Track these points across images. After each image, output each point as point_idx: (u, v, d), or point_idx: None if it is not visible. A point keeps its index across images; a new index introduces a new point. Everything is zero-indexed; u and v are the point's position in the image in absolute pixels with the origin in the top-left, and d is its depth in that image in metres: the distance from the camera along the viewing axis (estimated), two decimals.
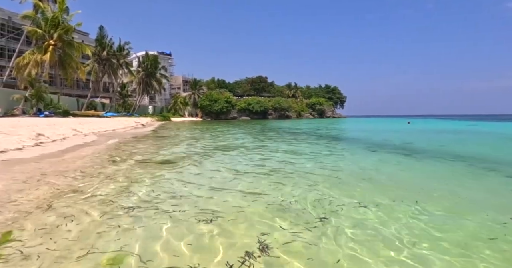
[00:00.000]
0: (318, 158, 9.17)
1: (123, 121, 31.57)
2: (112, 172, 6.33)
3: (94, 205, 4.01)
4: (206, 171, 6.86)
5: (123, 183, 5.33)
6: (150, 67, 55.22)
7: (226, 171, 6.86)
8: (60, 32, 28.04)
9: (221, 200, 4.42)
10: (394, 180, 6.29)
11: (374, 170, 7.29)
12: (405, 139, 17.93)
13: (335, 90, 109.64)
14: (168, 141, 15.30)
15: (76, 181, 5.35)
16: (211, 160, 8.48)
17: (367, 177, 6.21)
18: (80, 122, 19.13)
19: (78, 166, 6.89)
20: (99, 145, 11.65)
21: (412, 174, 7.09)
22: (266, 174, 6.45)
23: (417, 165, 8.41)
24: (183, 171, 6.70)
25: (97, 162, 7.57)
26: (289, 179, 5.91)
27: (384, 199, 4.50)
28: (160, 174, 6.23)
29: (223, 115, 77.07)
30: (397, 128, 33.42)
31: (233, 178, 6.01)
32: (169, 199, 4.40)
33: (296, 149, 11.87)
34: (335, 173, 6.62)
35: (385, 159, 9.36)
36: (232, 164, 7.84)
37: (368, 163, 8.38)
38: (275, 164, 7.86)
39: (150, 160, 8.26)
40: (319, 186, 5.36)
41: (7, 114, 25.49)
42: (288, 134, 21.86)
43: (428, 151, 11.61)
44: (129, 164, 7.41)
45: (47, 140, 11.32)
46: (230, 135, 19.98)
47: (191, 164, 7.67)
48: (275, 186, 5.36)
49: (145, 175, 6.08)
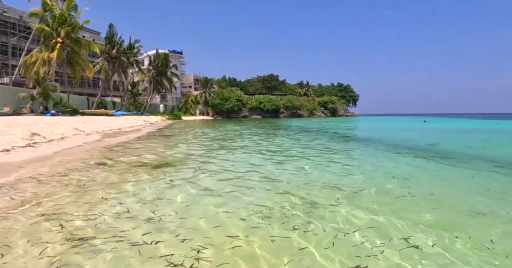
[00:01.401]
0: (344, 167, 7.38)
1: (132, 120, 31.00)
2: (90, 179, 5.41)
3: (33, 227, 3.05)
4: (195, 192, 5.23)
5: (96, 197, 4.38)
6: (161, 65, 54.76)
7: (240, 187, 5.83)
8: (67, 29, 27.61)
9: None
10: (444, 196, 4.76)
11: (413, 182, 5.72)
12: (429, 139, 16.48)
13: (347, 88, 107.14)
14: (172, 142, 14.43)
15: (41, 189, 4.43)
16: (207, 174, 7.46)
17: (407, 193, 4.75)
18: (84, 121, 18.50)
19: (59, 171, 6.01)
20: (98, 146, 10.84)
21: (464, 188, 5.52)
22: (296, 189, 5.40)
23: (462, 174, 6.84)
24: (172, 181, 5.72)
25: (84, 167, 6.67)
26: (310, 195, 4.83)
27: (441, 233, 3.25)
28: (147, 183, 5.27)
29: (234, 113, 76.18)
30: (415, 127, 31.79)
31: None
32: (145, 225, 3.41)
33: (313, 153, 10.75)
34: (366, 186, 5.20)
35: (419, 165, 7.99)
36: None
37: (403, 170, 7.05)
38: (290, 175, 6.79)
39: (145, 164, 7.33)
40: (347, 203, 4.26)
41: (16, 112, 25.23)
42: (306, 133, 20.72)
43: (463, 155, 10.15)
44: (118, 170, 6.48)
45: (43, 140, 10.58)
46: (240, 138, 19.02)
47: (180, 178, 6.69)
48: (308, 211, 4.30)
49: (128, 185, 5.12)
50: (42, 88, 25.23)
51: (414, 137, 17.68)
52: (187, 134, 19.37)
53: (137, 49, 47.32)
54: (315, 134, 20.20)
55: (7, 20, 42.35)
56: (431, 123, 43.30)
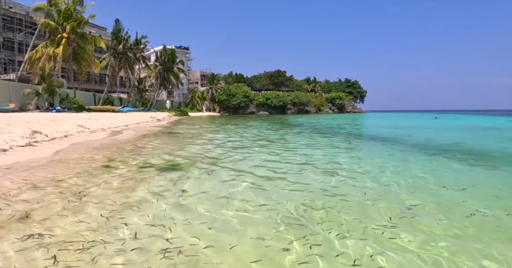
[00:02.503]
0: (382, 173, 6.22)
1: (138, 116, 30.41)
2: (90, 187, 4.67)
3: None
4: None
5: (94, 214, 3.62)
6: (168, 61, 54.06)
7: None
8: (72, 24, 26.97)
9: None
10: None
11: (472, 192, 4.79)
12: (452, 138, 15.43)
13: (355, 84, 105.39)
14: (180, 139, 13.71)
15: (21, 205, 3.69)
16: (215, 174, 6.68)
17: (476, 211, 3.82)
18: (89, 118, 17.87)
19: (54, 176, 5.28)
20: (102, 145, 10.15)
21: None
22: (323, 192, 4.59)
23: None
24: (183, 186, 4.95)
25: (83, 171, 5.94)
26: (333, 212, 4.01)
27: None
28: (156, 194, 4.51)
29: (241, 110, 75.32)
30: (428, 124, 30.52)
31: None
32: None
33: (328, 153, 9.92)
34: (421, 199, 4.33)
35: (463, 169, 7.03)
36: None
37: (451, 177, 6.13)
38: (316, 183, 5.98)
39: (153, 166, 6.58)
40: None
41: (21, 109, 24.76)
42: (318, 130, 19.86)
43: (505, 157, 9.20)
44: (121, 175, 5.72)
45: (44, 138, 9.92)
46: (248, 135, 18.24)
47: (190, 177, 5.91)
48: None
49: (134, 197, 4.36)
50: (47, 84, 24.67)
51: (438, 136, 16.55)
52: (193, 134, 18.67)
53: (144, 44, 46.62)
54: (331, 133, 19.32)
55: (13, 16, 42.01)
56: (443, 119, 41.95)
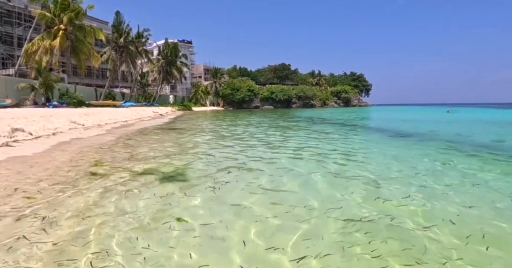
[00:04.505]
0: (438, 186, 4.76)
1: (140, 111, 29.37)
2: (64, 209, 3.52)
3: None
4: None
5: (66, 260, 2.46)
6: (170, 55, 52.83)
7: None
8: (70, 15, 25.78)
9: None
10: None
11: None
12: (487, 135, 13.62)
13: (360, 78, 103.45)
14: (181, 135, 12.56)
15: None
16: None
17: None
18: (86, 113, 16.79)
19: (17, 188, 4.14)
20: (94, 143, 9.03)
21: None
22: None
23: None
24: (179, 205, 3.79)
25: (60, 181, 4.80)
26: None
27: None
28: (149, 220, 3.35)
29: (245, 104, 73.98)
30: (444, 118, 29.03)
31: None
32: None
33: (346, 150, 8.69)
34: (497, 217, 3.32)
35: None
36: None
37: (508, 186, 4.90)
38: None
39: (146, 171, 5.43)
40: None
41: (18, 104, 23.77)
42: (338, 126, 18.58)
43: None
44: (106, 189, 4.57)
45: (28, 137, 8.82)
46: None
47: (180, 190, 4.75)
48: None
49: (117, 226, 3.21)
50: (43, 78, 23.57)
51: (466, 132, 14.85)
52: (196, 130, 17.52)
53: (146, 38, 45.26)
54: (339, 126, 18.05)
55: (12, 9, 40.95)
56: (456, 113, 40.25)
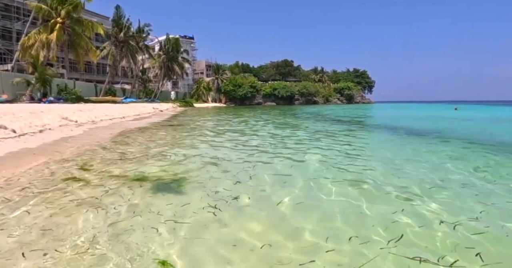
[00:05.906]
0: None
1: (140, 107, 28.66)
2: (33, 230, 2.81)
3: None
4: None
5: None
6: (172, 50, 52.01)
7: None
8: (67, 8, 25.02)
9: None
10: None
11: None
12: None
13: (364, 74, 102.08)
14: (179, 133, 11.85)
15: None
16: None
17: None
18: (81, 109, 16.11)
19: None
20: (84, 142, 8.33)
21: None
22: None
23: None
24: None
25: (34, 189, 4.09)
26: None
27: None
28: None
29: (247, 100, 73.17)
30: (455, 115, 28.06)
31: None
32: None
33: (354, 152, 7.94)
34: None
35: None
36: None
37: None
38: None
39: (127, 177, 4.72)
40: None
41: (14, 100, 23.13)
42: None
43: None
44: (89, 200, 3.85)
45: (9, 135, 8.13)
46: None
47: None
48: None
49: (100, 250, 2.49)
50: (38, 72, 22.86)
51: (491, 129, 13.95)
52: (196, 128, 16.80)
53: (147, 33, 44.38)
54: (348, 124, 17.25)
55: (10, 3, 40.20)
56: (463, 110, 39.23)
